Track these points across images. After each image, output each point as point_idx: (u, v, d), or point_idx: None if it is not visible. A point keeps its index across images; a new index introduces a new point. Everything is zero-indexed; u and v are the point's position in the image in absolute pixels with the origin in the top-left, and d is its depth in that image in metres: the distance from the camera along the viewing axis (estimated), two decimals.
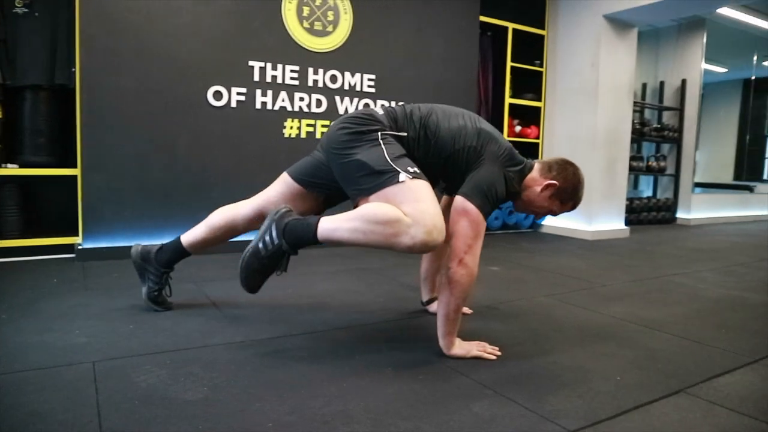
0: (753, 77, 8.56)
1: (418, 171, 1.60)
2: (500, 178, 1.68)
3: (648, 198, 6.09)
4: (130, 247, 2.08)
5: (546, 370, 1.58)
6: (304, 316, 2.07)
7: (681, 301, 2.50)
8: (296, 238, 1.58)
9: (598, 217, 4.64)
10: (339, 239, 1.57)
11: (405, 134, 1.70)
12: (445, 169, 1.74)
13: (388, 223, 1.49)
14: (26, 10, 3.01)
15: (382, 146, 1.62)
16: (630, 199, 5.73)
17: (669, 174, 6.25)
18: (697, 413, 1.33)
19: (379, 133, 1.65)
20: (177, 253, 1.99)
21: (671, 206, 6.14)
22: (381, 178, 1.57)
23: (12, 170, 2.95)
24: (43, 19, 3.03)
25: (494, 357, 1.66)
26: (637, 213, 5.81)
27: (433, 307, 2.13)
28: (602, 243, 4.36)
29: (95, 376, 1.41)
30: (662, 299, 2.53)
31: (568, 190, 1.79)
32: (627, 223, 5.10)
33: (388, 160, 1.59)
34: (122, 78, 3.03)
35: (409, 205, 1.51)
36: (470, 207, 1.61)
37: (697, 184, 6.71)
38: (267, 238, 1.59)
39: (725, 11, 5.68)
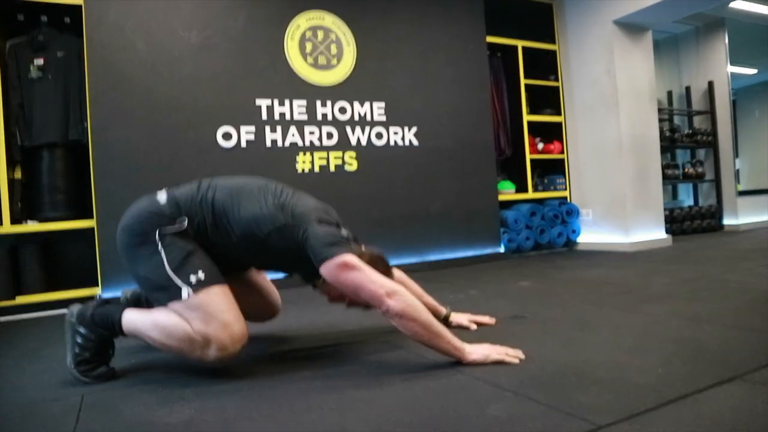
0: None
1: (202, 278, 1.49)
2: (327, 226, 1.57)
3: (690, 207, 5.76)
4: None
5: (575, 369, 1.40)
6: (310, 339, 1.94)
7: (730, 296, 2.26)
8: (106, 326, 1.55)
9: (635, 228, 4.39)
10: (144, 340, 1.55)
11: (185, 222, 1.56)
12: (256, 255, 1.65)
13: (181, 340, 1.46)
14: (41, 74, 3.11)
15: (162, 254, 1.50)
16: (670, 209, 5.44)
17: (709, 180, 5.94)
18: (757, 399, 1.13)
19: (157, 233, 1.52)
20: None
21: (716, 213, 5.79)
22: (166, 294, 1.50)
23: (31, 226, 2.98)
24: (56, 81, 3.12)
25: (517, 361, 1.48)
26: (680, 222, 5.50)
27: (454, 320, 1.96)
28: (642, 254, 4.10)
29: (81, 408, 1.32)
30: (709, 296, 2.29)
31: None
32: (669, 233, 4.81)
33: (169, 272, 1.49)
34: (131, 129, 3.07)
35: (198, 323, 1.45)
36: (339, 259, 1.47)
37: (742, 193, 6.34)
38: (79, 340, 1.53)
39: (743, 6, 5.49)
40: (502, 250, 4.29)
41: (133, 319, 1.54)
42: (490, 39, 4.40)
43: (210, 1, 3.31)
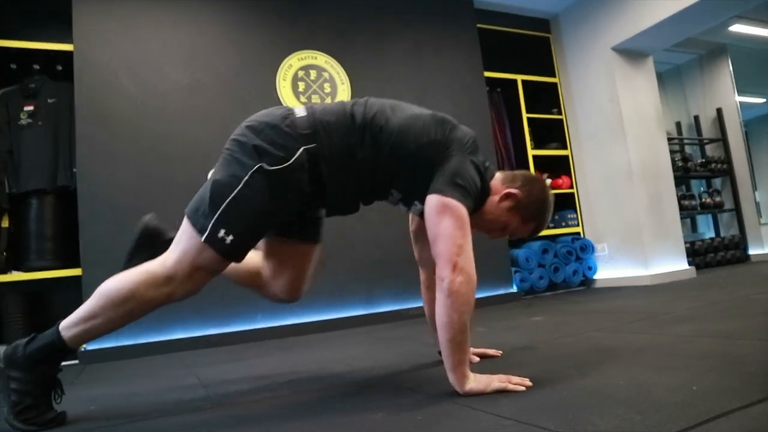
0: None
1: (228, 241, 1.31)
2: (474, 169, 1.39)
3: (711, 239, 5.49)
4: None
5: (592, 392, 1.18)
6: (295, 383, 1.74)
7: (766, 312, 2.02)
8: (45, 356, 1.35)
9: (654, 259, 4.15)
10: (98, 335, 1.38)
11: (294, 155, 1.34)
12: (398, 173, 1.43)
13: (140, 275, 1.33)
14: (30, 120, 3.06)
15: (240, 187, 1.31)
16: (691, 242, 5.18)
17: (728, 209, 5.70)
18: None
19: (255, 168, 1.31)
20: None
21: (740, 243, 5.51)
22: (197, 220, 1.34)
23: (15, 276, 2.85)
24: (46, 127, 3.06)
25: (522, 388, 1.27)
26: (702, 255, 5.22)
27: None
28: (664, 285, 3.84)
29: None
30: (742, 313, 2.05)
31: (531, 207, 1.50)
32: (692, 266, 4.54)
33: (220, 208, 1.31)
34: (119, 171, 2.98)
35: (176, 261, 1.33)
36: (450, 201, 1.31)
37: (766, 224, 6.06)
38: (14, 386, 1.32)
39: (744, 29, 5.42)
40: (514, 290, 4.06)
41: (72, 316, 1.35)
42: (488, 74, 4.34)
43: (200, 41, 3.28)
